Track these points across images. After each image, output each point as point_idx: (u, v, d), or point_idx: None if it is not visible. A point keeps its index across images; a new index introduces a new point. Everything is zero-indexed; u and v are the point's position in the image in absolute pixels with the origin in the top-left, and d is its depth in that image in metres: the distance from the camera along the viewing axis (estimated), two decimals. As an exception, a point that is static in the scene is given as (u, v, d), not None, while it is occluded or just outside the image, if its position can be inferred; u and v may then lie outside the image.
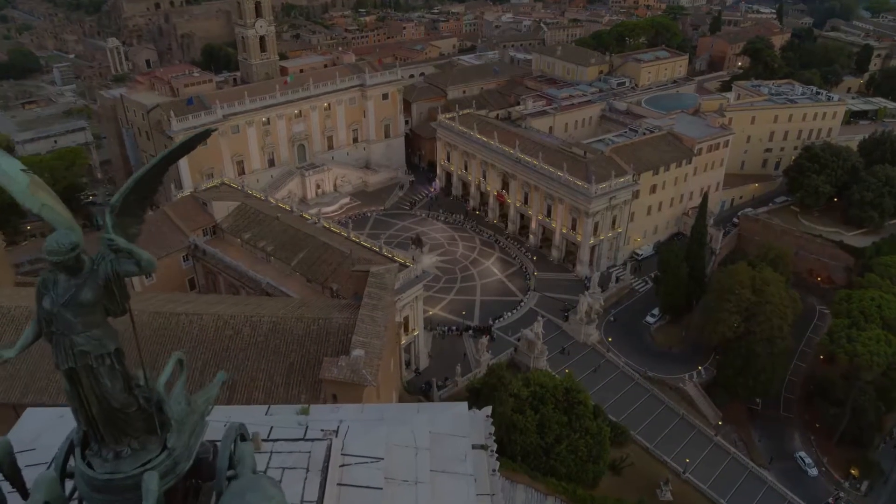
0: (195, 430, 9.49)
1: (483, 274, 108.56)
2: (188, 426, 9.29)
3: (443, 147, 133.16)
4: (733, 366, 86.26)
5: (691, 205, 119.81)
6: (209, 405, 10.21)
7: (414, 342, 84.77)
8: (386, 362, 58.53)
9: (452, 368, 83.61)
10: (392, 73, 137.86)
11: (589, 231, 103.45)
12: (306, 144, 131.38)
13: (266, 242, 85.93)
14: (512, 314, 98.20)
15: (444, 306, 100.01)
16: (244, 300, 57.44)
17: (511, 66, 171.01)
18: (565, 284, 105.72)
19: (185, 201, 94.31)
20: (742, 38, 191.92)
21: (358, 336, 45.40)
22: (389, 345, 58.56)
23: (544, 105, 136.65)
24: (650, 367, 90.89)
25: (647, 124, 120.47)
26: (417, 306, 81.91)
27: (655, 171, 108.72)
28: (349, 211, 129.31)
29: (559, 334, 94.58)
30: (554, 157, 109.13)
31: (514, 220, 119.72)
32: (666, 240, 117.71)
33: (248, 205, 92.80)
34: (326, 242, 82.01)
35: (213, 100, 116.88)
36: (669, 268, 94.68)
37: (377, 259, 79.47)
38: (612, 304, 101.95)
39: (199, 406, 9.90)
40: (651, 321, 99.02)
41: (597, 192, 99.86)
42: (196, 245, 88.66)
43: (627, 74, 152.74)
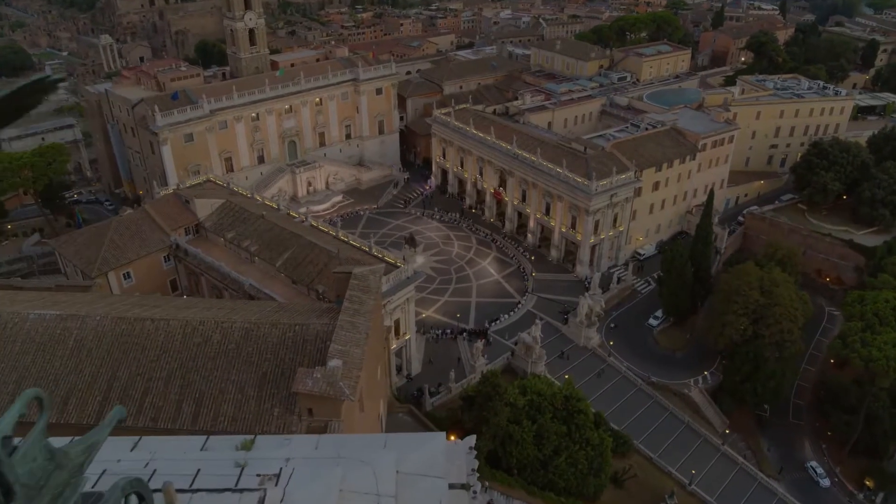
0: (63, 492, 6.26)
1: (479, 274, 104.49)
2: (49, 489, 6.38)
3: (438, 143, 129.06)
4: (741, 371, 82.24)
5: (695, 202, 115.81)
6: (91, 453, 6.83)
7: (405, 346, 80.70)
8: (371, 370, 54.47)
9: (446, 374, 79.53)
10: (386, 67, 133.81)
11: (589, 230, 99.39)
12: (297, 141, 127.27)
13: (250, 242, 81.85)
14: (509, 317, 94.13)
15: (438, 308, 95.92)
16: (217, 304, 53.35)
17: (509, 61, 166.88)
18: (564, 285, 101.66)
19: (166, 199, 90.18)
20: (745, 33, 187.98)
21: (336, 344, 41.30)
22: (375, 351, 54.50)
23: (543, 100, 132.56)
24: (653, 373, 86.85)
25: (649, 119, 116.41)
26: (408, 309, 77.85)
27: (658, 167, 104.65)
28: (341, 209, 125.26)
29: (558, 338, 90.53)
30: (553, 153, 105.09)
31: (512, 218, 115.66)
32: (669, 239, 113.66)
33: (232, 202, 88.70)
34: (313, 242, 77.95)
35: (200, 94, 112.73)
36: (673, 268, 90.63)
37: (366, 259, 75.46)
38: (614, 305, 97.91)
39: (71, 459, 6.59)
40: (654, 324, 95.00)
41: (597, 189, 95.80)
42: (178, 245, 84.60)
43: (628, 69, 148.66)
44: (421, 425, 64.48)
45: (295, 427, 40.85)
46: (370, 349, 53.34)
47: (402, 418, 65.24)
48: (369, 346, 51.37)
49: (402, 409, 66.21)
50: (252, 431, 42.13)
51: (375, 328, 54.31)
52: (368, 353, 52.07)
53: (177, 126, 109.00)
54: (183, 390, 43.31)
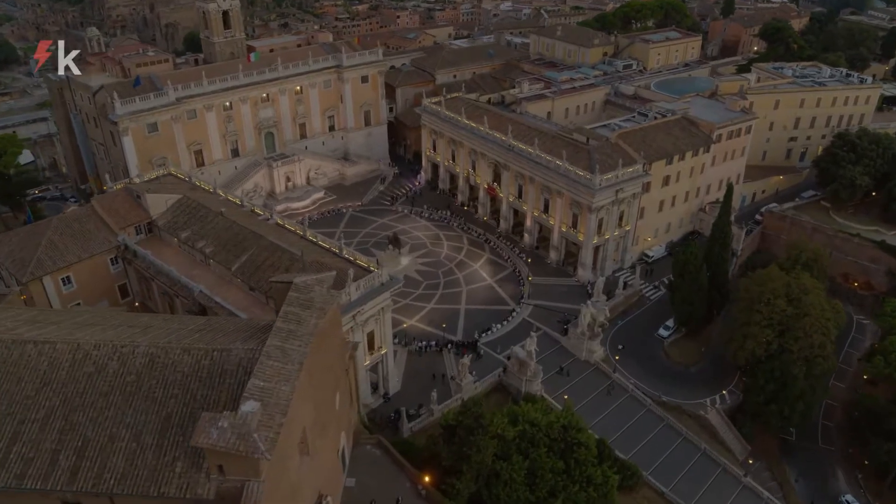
0: None
1: (470, 278, 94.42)
2: None
3: (428, 135, 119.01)
4: (764, 390, 72.04)
5: (708, 200, 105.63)
6: None
7: (382, 362, 70.74)
8: (324, 401, 44.58)
9: (429, 392, 69.55)
10: (372, 53, 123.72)
11: (592, 229, 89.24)
12: (275, 132, 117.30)
13: (205, 242, 72.04)
14: (502, 326, 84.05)
15: (422, 317, 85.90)
16: (132, 319, 43.38)
17: (507, 49, 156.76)
18: (564, 291, 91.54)
19: (117, 194, 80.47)
20: (758, 21, 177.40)
21: (256, 380, 31.36)
22: (329, 378, 44.59)
23: (542, 89, 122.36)
24: (664, 391, 76.74)
25: (658, 108, 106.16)
26: (384, 319, 67.87)
27: (669, 160, 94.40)
28: (322, 206, 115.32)
29: (557, 350, 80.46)
30: (552, 144, 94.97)
31: (507, 216, 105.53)
32: (680, 239, 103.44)
33: (190, 198, 78.87)
34: (275, 243, 68.15)
35: (166, 80, 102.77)
36: (686, 272, 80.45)
37: (334, 263, 65.63)
38: (619, 314, 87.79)
39: None
40: (665, 334, 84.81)
41: (601, 184, 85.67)
42: (126, 245, 74.78)
43: (634, 56, 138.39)
44: (392, 460, 54.48)
45: (201, 489, 30.88)
46: (322, 377, 43.49)
47: (370, 452, 55.22)
48: (318, 374, 41.55)
49: (370, 441, 56.20)
50: (146, 493, 32.12)
51: (328, 350, 44.43)
52: (318, 382, 42.22)
53: (139, 115, 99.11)
54: (62, 436, 33.44)
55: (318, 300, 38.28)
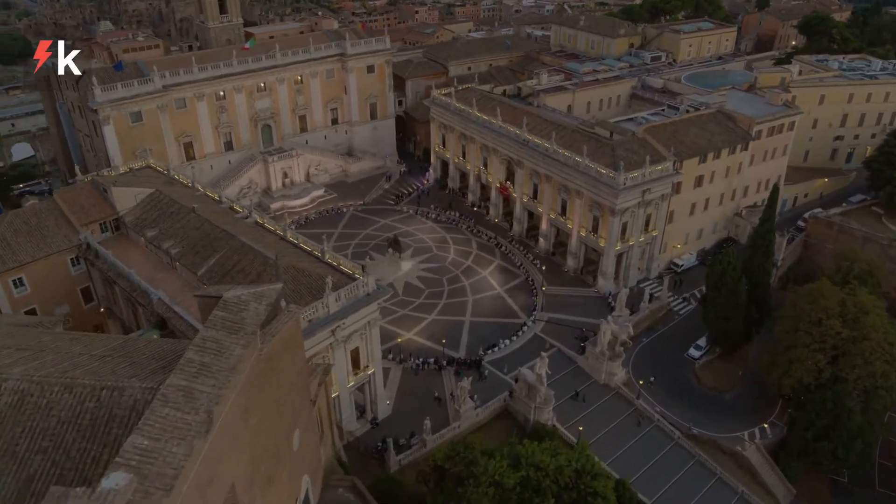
0: None
1: (477, 287, 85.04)
2: None
3: (437, 129, 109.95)
4: (814, 425, 61.62)
5: (745, 203, 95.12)
6: None
7: (369, 383, 61.65)
8: (274, 445, 35.59)
9: (425, 417, 60.41)
10: (379, 41, 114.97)
11: (615, 234, 79.43)
12: (273, 125, 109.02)
13: (173, 243, 63.57)
14: (510, 342, 74.57)
15: (421, 330, 76.71)
16: (29, 338, 34.70)
17: (526, 41, 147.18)
18: (582, 303, 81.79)
19: (82, 187, 72.57)
20: (796, 15, 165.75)
21: (138, 436, 22.37)
22: (284, 416, 35.57)
23: (562, 80, 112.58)
24: (695, 421, 66.60)
25: (690, 101, 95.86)
26: (370, 335, 58.77)
27: (702, 157, 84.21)
28: (322, 205, 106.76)
29: (572, 372, 70.78)
30: (571, 139, 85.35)
31: (521, 218, 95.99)
32: (713, 247, 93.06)
33: (163, 193, 70.56)
34: (247, 244, 59.39)
35: (152, 66, 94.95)
36: (722, 284, 70.29)
37: (314, 268, 56.84)
38: (644, 330, 77.79)
39: None
40: (696, 355, 74.69)
41: (626, 183, 75.89)
42: (89, 245, 66.62)
43: (664, 48, 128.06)
44: (367, 509, 45.24)
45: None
46: (269, 416, 34.51)
47: (343, 497, 46.05)
48: (262, 414, 32.62)
49: (343, 483, 46.98)
50: None
51: (279, 381, 35.47)
52: (262, 423, 33.24)
53: (121, 103, 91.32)
54: None
55: (250, 322, 29.18)
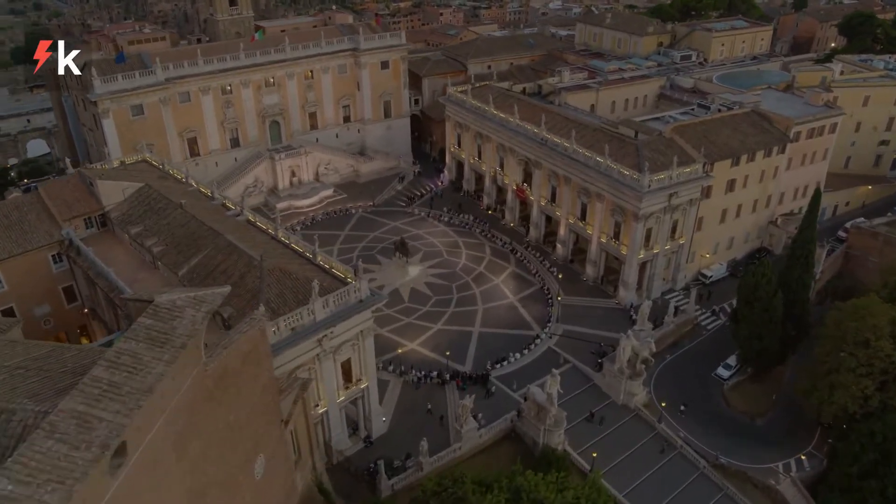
0: None
1: (489, 295, 79.43)
2: None
3: (452, 128, 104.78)
4: (860, 459, 54.67)
5: (780, 211, 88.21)
6: None
7: (362, 398, 56.39)
8: (226, 477, 30.52)
9: (423, 434, 55.07)
10: (394, 36, 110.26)
11: (638, 241, 73.31)
12: (281, 121, 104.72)
13: (156, 240, 59.12)
14: (521, 356, 68.80)
15: (426, 340, 71.30)
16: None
17: (550, 40, 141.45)
18: (602, 315, 75.70)
19: (69, 181, 68.90)
20: (836, 16, 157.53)
21: (3, 480, 17.34)
22: (226, 447, 30.54)
23: (586, 78, 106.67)
24: (723, 449, 60.11)
25: (722, 100, 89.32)
26: (363, 345, 53.51)
27: (735, 160, 77.70)
28: (330, 206, 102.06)
29: (588, 390, 64.79)
30: (593, 138, 79.49)
31: (538, 223, 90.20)
32: (744, 257, 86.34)
33: (152, 188, 66.31)
34: (233, 243, 54.66)
35: (155, 58, 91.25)
36: (756, 298, 63.78)
37: (302, 270, 51.85)
38: (668, 346, 71.45)
39: None
40: (725, 375, 68.15)
41: (651, 186, 69.80)
42: (71, 241, 62.52)
43: (694, 47, 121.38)
44: (345, 546, 40.00)
45: None
46: (218, 443, 29.51)
47: (320, 530, 40.90)
48: (208, 441, 27.67)
49: (321, 516, 41.84)
50: None
51: (235, 401, 30.45)
52: (208, 452, 28.26)
53: (121, 95, 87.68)
54: None
55: (181, 333, 24.05)
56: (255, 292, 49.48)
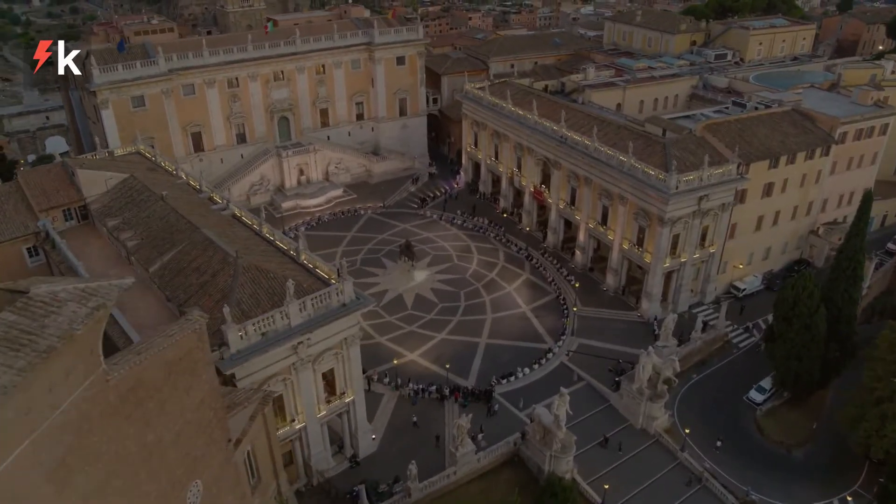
0: None
1: (499, 304, 73.46)
2: None
3: (469, 127, 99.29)
4: (916, 502, 47.31)
5: (823, 219, 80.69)
6: None
7: (348, 413, 50.84)
8: None
9: (415, 455, 49.37)
10: (410, 30, 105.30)
11: (663, 247, 66.72)
12: (291, 117, 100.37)
13: (132, 234, 54.53)
14: (531, 371, 62.63)
15: (427, 350, 65.59)
16: None
17: (577, 39, 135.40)
18: (622, 329, 69.16)
19: (51, 169, 65.08)
20: (884, 17, 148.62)
21: None
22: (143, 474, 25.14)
23: (612, 76, 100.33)
24: (755, 484, 53.09)
25: (760, 97, 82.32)
26: (349, 354, 48.00)
27: (773, 161, 70.68)
28: (338, 206, 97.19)
29: (603, 412, 58.34)
30: (616, 137, 73.24)
31: (556, 228, 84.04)
32: (782, 270, 79.00)
33: (137, 179, 61.97)
34: (209, 238, 49.71)
35: (158, 48, 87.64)
36: (795, 314, 56.77)
37: (281, 268, 46.63)
38: (695, 364, 64.57)
39: None
40: (758, 399, 61.03)
41: (679, 187, 63.28)
42: (47, 233, 58.31)
43: (730, 46, 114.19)
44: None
45: None
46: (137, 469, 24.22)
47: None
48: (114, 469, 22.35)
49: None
50: None
51: (159, 422, 25.15)
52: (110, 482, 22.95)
53: (121, 85, 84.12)
54: None
55: (53, 333, 18.75)
56: (226, 291, 44.43)
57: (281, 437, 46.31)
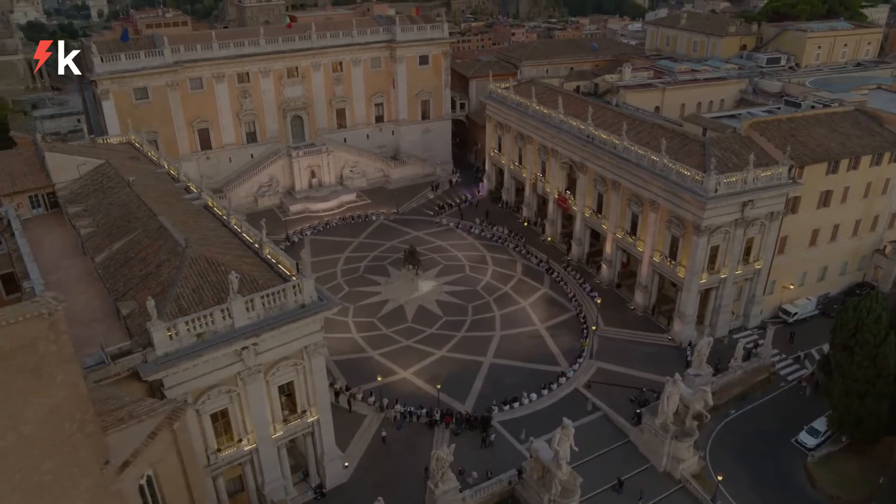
0: None
1: (511, 320, 65.36)
2: None
3: (493, 130, 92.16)
4: None
5: (890, 237, 70.22)
6: None
7: (313, 434, 43.43)
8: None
9: (393, 489, 41.70)
10: (435, 28, 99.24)
11: (699, 261, 57.78)
12: (305, 117, 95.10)
13: (90, 221, 48.85)
14: (538, 397, 54.19)
15: (424, 368, 57.90)
16: None
17: (617, 45, 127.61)
18: (649, 353, 60.19)
19: (23, 153, 60.57)
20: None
21: None
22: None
23: (651, 78, 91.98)
24: (805, 547, 43.36)
25: (818, 97, 72.86)
26: (311, 365, 40.72)
27: (832, 166, 61.16)
28: (349, 211, 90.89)
29: (620, 449, 49.50)
30: (649, 135, 64.96)
31: (582, 239, 75.75)
32: (841, 293, 68.74)
33: (111, 166, 56.68)
34: (164, 226, 43.45)
35: (165, 39, 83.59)
36: (857, 343, 47.19)
37: (234, 260, 39.93)
38: (733, 398, 55.06)
39: None
40: (810, 443, 51.15)
41: (718, 190, 54.52)
42: (9, 221, 53.27)
43: (784, 50, 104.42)
44: None
45: None
46: None
47: None
48: None
49: None
50: None
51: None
52: None
53: (123, 76, 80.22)
54: None
55: None
56: (166, 284, 37.94)
57: (226, 460, 39.41)
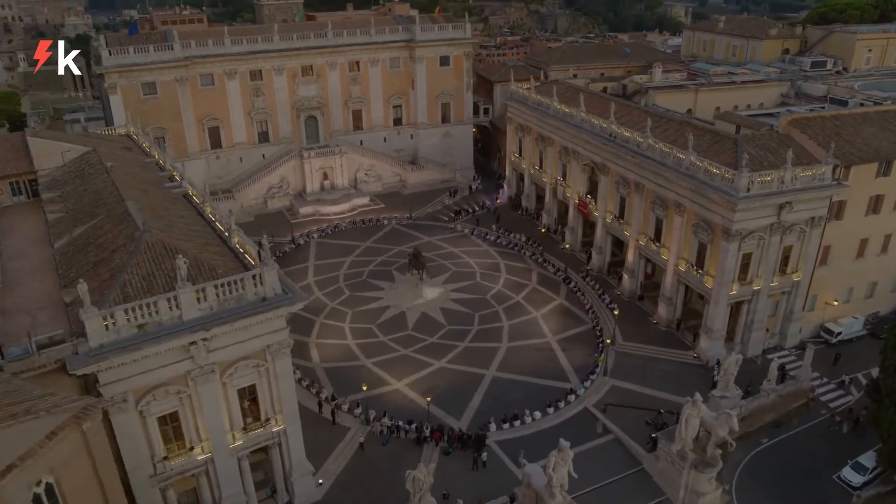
0: None
1: (519, 331, 60.08)
2: None
3: (514, 133, 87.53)
4: None
5: (950, 252, 62.75)
6: None
7: (280, 445, 38.83)
8: None
9: None
10: (457, 28, 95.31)
11: (729, 269, 51.78)
12: (319, 117, 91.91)
13: (60, 207, 45.69)
14: (543, 416, 48.70)
15: (418, 380, 52.97)
16: None
17: (650, 51, 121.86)
18: (671, 371, 54.19)
19: (8, 139, 58.44)
20: None
21: None
22: None
23: (683, 79, 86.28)
24: None
25: (867, 95, 66.32)
26: (275, 368, 36.25)
27: (884, 167, 54.66)
28: (361, 215, 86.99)
29: (632, 478, 43.69)
30: (676, 133, 59.48)
31: (603, 247, 70.19)
32: (893, 312, 61.56)
33: (97, 154, 53.77)
34: (127, 211, 39.79)
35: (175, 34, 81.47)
36: (911, 366, 40.59)
37: (195, 247, 35.95)
38: (766, 426, 48.57)
39: None
40: (855, 480, 44.40)
41: (751, 189, 48.68)
42: (-13, 209, 50.68)
43: (830, 53, 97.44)
44: None
45: None
46: None
47: None
48: None
49: None
50: None
51: None
52: None
53: (131, 70, 78.19)
54: None
55: None
56: (115, 271, 34.08)
57: (176, 470, 35.07)
